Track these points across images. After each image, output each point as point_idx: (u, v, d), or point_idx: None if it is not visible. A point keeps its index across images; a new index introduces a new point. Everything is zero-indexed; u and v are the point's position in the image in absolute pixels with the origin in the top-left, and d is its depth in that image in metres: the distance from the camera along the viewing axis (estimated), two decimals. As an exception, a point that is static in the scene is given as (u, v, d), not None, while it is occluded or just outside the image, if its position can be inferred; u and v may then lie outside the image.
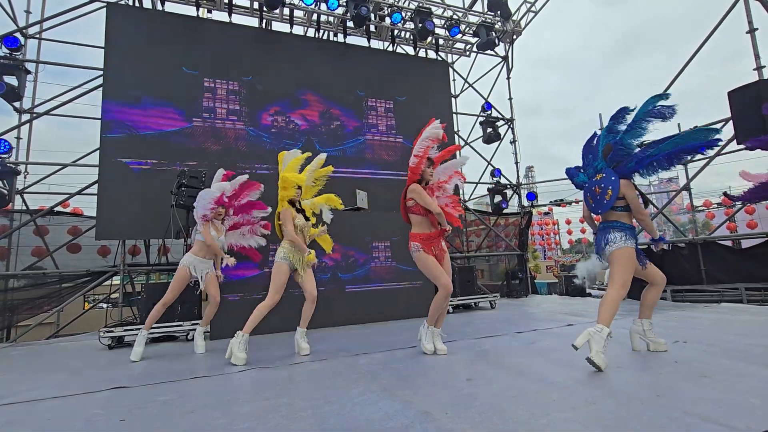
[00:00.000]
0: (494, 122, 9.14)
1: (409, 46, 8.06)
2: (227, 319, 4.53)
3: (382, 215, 5.75)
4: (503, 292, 8.26)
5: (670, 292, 7.03)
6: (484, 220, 9.25)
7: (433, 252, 3.26)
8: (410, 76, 6.88)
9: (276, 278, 3.53)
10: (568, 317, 4.86)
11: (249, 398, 2.40)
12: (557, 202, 12.83)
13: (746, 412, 1.74)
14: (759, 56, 5.63)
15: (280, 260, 3.57)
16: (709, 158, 6.64)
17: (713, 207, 15.80)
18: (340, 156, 6.04)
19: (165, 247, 6.17)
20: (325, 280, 5.32)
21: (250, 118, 5.78)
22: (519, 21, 9.17)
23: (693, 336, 3.38)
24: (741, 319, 4.11)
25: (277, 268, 3.56)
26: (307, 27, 7.34)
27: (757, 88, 5.34)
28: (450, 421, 1.84)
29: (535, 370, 2.62)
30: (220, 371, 3.10)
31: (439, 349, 3.29)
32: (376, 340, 4.09)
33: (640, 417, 1.77)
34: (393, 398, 2.22)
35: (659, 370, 2.45)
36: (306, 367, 3.11)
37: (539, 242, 27.84)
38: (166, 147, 5.34)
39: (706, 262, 6.84)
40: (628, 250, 2.84)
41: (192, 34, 5.66)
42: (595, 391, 2.14)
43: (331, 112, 6.15)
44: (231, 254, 4.12)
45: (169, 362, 3.63)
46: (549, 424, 1.74)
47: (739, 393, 1.97)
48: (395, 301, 5.59)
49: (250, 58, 5.86)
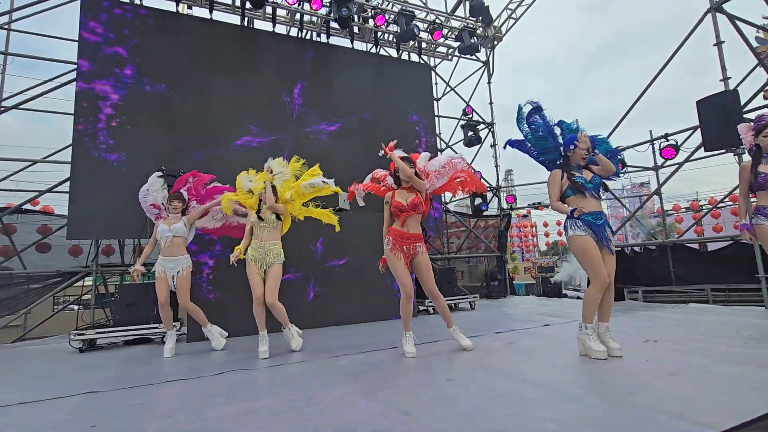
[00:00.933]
0: (475, 126, 9.27)
1: (392, 48, 8.10)
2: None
3: (363, 216, 5.74)
4: (482, 293, 8.37)
5: (642, 292, 7.29)
6: (464, 222, 9.36)
7: (405, 252, 3.31)
8: (393, 78, 6.90)
9: (249, 278, 3.67)
10: (545, 317, 4.97)
11: (226, 401, 2.35)
12: (535, 205, 13.09)
13: (714, 408, 1.81)
14: (725, 68, 5.90)
15: (246, 259, 3.71)
16: (678, 164, 6.91)
17: (682, 211, 16.46)
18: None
19: (141, 247, 6.00)
20: (305, 281, 5.28)
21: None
22: (500, 27, 9.34)
23: (663, 335, 3.50)
24: (707, 319, 4.29)
25: (247, 268, 3.70)
26: (290, 26, 7.28)
27: (723, 97, 5.64)
28: (431, 422, 1.85)
29: (514, 370, 2.66)
30: (196, 374, 3.04)
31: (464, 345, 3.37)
32: (357, 341, 4.09)
33: (615, 415, 1.83)
34: (375, 399, 2.22)
35: (631, 369, 2.53)
36: (285, 369, 3.08)
37: (517, 244, 28.33)
38: (144, 143, 5.20)
39: (675, 264, 7.13)
40: (573, 240, 2.88)
41: (170, 30, 5.53)
42: (573, 390, 2.19)
43: (314, 112, 6.11)
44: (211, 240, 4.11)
45: (142, 365, 3.53)
46: (528, 423, 1.78)
47: (707, 390, 2.06)
48: (376, 302, 5.59)
49: (229, 55, 5.76)
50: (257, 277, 3.67)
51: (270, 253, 3.74)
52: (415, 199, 3.35)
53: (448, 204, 9.93)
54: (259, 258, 3.71)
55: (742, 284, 6.13)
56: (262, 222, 3.76)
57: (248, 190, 4.00)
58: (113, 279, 7.28)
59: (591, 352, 2.81)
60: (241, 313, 4.74)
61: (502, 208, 9.60)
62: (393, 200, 3.36)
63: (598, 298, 2.84)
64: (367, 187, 3.84)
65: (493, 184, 9.46)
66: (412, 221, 3.36)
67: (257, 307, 3.64)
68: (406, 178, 3.37)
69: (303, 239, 5.20)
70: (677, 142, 6.73)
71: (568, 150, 3.03)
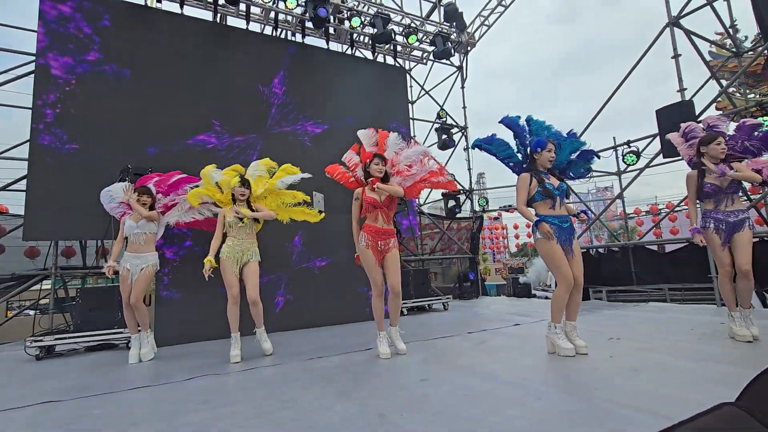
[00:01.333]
0: (449, 129, 9.42)
1: (367, 50, 8.12)
2: (173, 324, 4.30)
3: (338, 217, 5.73)
4: (455, 294, 8.50)
5: (606, 292, 7.61)
6: (438, 224, 9.48)
7: (378, 247, 3.32)
8: (368, 80, 6.92)
9: (224, 276, 3.58)
10: (515, 317, 5.10)
11: (197, 407, 2.29)
12: (506, 208, 13.42)
13: (674, 402, 1.93)
14: (681, 79, 6.26)
15: (221, 256, 3.63)
16: (639, 170, 7.27)
17: (642, 214, 17.29)
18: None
19: (104, 248, 5.74)
20: (280, 283, 5.21)
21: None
22: (473, 33, 9.54)
23: (625, 333, 3.67)
24: (665, 317, 4.53)
25: (221, 264, 3.61)
26: (264, 25, 7.17)
27: (680, 107, 6.00)
28: (406, 423, 1.88)
29: (486, 369, 2.73)
30: (164, 380, 2.94)
31: (399, 348, 3.35)
32: (332, 343, 4.07)
33: (581, 411, 1.91)
34: (349, 401, 2.22)
35: (596, 366, 2.65)
36: (259, 373, 3.03)
37: (489, 246, 28.94)
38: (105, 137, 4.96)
39: (636, 265, 7.49)
40: (540, 243, 3.00)
41: (139, 23, 5.31)
42: (541, 387, 2.27)
43: (291, 113, 6.03)
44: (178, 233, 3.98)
45: (106, 372, 3.37)
46: (500, 421, 1.83)
47: (666, 385, 2.18)
48: (351, 303, 5.58)
49: (201, 52, 5.60)
50: (233, 275, 3.58)
51: (247, 252, 3.69)
52: (388, 197, 3.37)
53: (422, 206, 10.04)
54: (236, 257, 3.63)
55: (696, 283, 6.51)
56: (241, 222, 3.69)
57: (216, 184, 3.94)
58: (74, 282, 6.92)
59: (559, 350, 2.92)
60: (209, 315, 4.64)
61: (474, 210, 9.79)
62: (365, 196, 3.35)
63: (565, 299, 2.95)
64: (338, 175, 3.70)
65: (466, 187, 9.63)
66: (385, 216, 3.38)
67: (233, 307, 3.54)
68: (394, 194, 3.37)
69: (277, 238, 5.13)
70: (638, 149, 7.08)
71: (535, 152, 3.10)
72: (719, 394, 1.80)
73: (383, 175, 3.43)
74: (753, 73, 9.56)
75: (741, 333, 3.06)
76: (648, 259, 7.49)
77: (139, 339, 3.79)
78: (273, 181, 4.07)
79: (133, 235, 3.75)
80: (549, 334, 3.03)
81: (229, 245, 3.66)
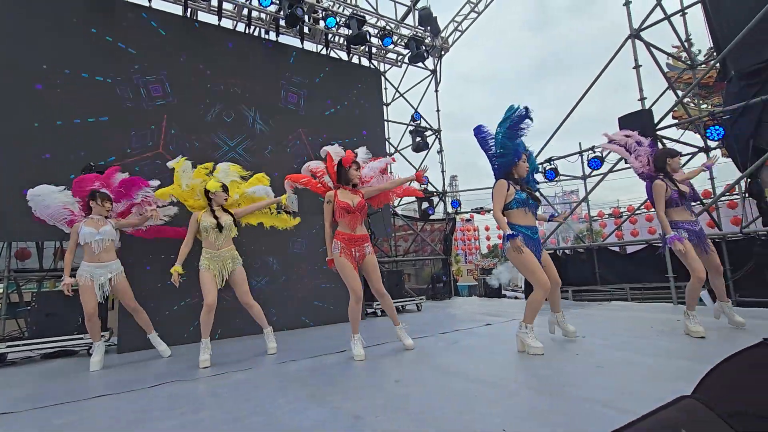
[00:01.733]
0: (423, 132, 9.52)
1: (342, 51, 8.09)
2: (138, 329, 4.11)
3: (311, 218, 5.68)
4: (429, 295, 8.59)
5: (572, 292, 7.90)
6: (411, 226, 9.56)
7: (353, 254, 3.32)
8: (343, 81, 6.90)
9: (202, 285, 3.51)
10: (486, 317, 5.21)
11: (164, 415, 2.21)
12: (478, 210, 13.69)
13: (636, 396, 2.02)
14: (642, 89, 6.59)
15: (200, 267, 3.55)
16: (603, 174, 7.59)
17: (605, 217, 18.06)
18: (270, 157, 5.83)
19: (62, 249, 5.44)
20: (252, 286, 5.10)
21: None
22: (447, 38, 9.70)
23: (590, 331, 3.82)
24: (627, 316, 4.74)
25: (200, 275, 3.54)
26: (237, 21, 7.02)
27: (640, 115, 6.32)
28: (380, 424, 1.88)
29: (459, 369, 2.77)
30: (128, 387, 2.82)
31: (407, 345, 3.47)
32: (305, 345, 4.02)
33: (551, 406, 1.97)
34: (323, 405, 2.21)
35: (564, 363, 2.74)
36: (229, 378, 2.95)
37: (461, 247, 29.42)
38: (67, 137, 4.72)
39: (599, 266, 7.82)
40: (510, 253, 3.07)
41: (101, 16, 5.07)
42: (512, 385, 2.33)
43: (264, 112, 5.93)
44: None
45: (66, 381, 3.20)
46: (473, 419, 1.87)
47: (629, 380, 2.29)
48: (325, 305, 5.54)
49: (170, 48, 5.41)
50: (212, 283, 3.49)
51: (227, 260, 3.63)
52: (361, 201, 3.38)
53: (395, 207, 10.09)
54: (218, 268, 3.57)
55: (654, 283, 6.87)
56: (221, 231, 3.60)
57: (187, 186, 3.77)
58: (29, 286, 6.53)
59: (529, 349, 3.01)
60: (176, 320, 4.49)
61: (447, 212, 9.93)
62: (337, 200, 3.32)
63: (542, 302, 3.08)
64: (304, 182, 3.73)
65: (439, 189, 9.76)
66: (358, 222, 3.38)
67: (207, 314, 3.45)
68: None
69: (250, 242, 5.03)
70: (603, 154, 7.39)
71: (517, 158, 3.20)
72: (678, 388, 1.90)
73: (358, 182, 3.50)
74: (705, 84, 10.20)
75: (696, 329, 3.25)
76: (611, 260, 7.84)
77: (102, 346, 3.61)
78: (247, 187, 4.02)
79: (94, 242, 3.53)
80: (519, 333, 3.12)
81: (207, 258, 3.56)
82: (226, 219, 3.66)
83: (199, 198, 3.77)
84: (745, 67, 5.67)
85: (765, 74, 5.45)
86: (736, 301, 5.71)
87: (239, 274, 3.67)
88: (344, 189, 3.43)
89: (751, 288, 5.58)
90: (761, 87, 5.43)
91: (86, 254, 3.56)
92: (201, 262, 3.55)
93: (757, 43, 5.42)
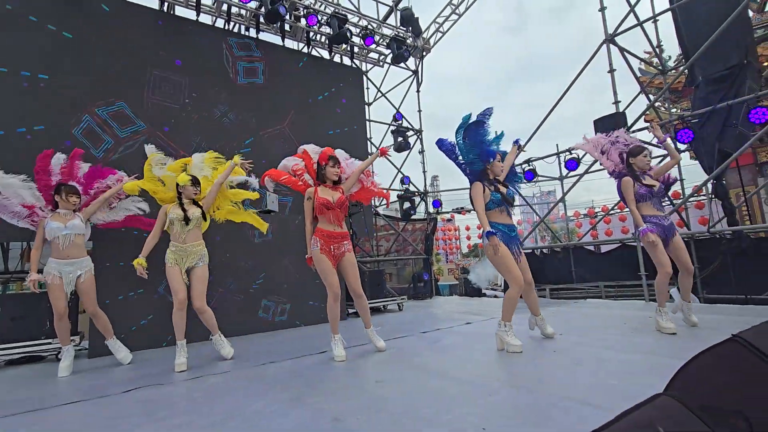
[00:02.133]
0: (404, 132, 9.54)
1: (324, 50, 8.03)
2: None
3: (291, 217, 5.61)
4: (410, 295, 8.62)
5: (549, 290, 8.07)
6: (393, 225, 9.57)
7: (332, 251, 3.29)
8: (325, 80, 6.84)
9: (170, 282, 3.41)
10: (466, 316, 5.26)
11: (138, 422, 2.14)
12: (458, 210, 13.82)
13: (611, 392, 2.07)
14: (616, 92, 6.79)
15: (166, 262, 3.45)
16: (579, 175, 7.78)
17: (581, 217, 18.54)
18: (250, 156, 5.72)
19: (30, 249, 5.18)
20: (229, 286, 5.00)
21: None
22: (428, 39, 9.74)
23: (566, 328, 3.90)
24: (601, 313, 4.87)
25: (166, 271, 3.44)
26: (216, 17, 6.86)
27: (614, 118, 6.51)
28: (361, 425, 1.87)
29: (439, 368, 2.79)
30: (100, 393, 2.72)
31: (379, 347, 3.42)
32: (284, 347, 3.97)
33: (528, 404, 2.00)
34: (303, 407, 2.18)
35: (541, 361, 2.79)
36: (205, 381, 2.88)
37: (442, 247, 29.67)
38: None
39: (575, 264, 8.02)
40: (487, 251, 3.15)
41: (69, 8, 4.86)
42: (492, 384, 2.35)
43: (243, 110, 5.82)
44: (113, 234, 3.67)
45: (33, 387, 3.06)
46: (453, 419, 1.87)
47: (604, 377, 2.34)
48: (304, 306, 5.48)
49: (148, 43, 5.24)
50: (180, 282, 3.40)
51: (192, 255, 3.50)
52: (341, 198, 3.36)
53: (377, 207, 10.09)
54: (181, 262, 3.45)
55: (627, 281, 7.09)
56: (188, 224, 3.49)
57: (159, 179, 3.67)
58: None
59: (508, 347, 3.05)
60: (150, 322, 4.36)
61: (429, 212, 9.99)
62: (317, 197, 3.29)
63: (517, 299, 3.13)
64: (284, 180, 3.64)
65: (420, 189, 9.80)
66: (337, 219, 3.35)
67: (179, 313, 3.36)
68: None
69: (225, 240, 4.93)
70: (579, 156, 7.57)
71: (487, 162, 3.26)
72: (652, 383, 1.96)
73: (338, 178, 3.43)
74: (675, 89, 10.59)
75: (667, 326, 3.36)
76: (586, 259, 8.05)
77: (71, 351, 3.47)
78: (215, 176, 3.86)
79: (60, 237, 3.36)
80: (499, 331, 3.16)
81: (172, 251, 3.47)
82: (194, 212, 3.55)
83: (170, 191, 3.66)
84: (712, 74, 5.92)
85: (730, 80, 5.70)
86: (703, 297, 5.95)
87: (200, 272, 3.50)
88: (324, 186, 3.41)
89: (717, 285, 5.82)
90: (726, 92, 5.67)
91: (53, 251, 3.39)
92: (167, 256, 3.45)
93: (722, 51, 5.66)
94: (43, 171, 3.55)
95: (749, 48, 5.84)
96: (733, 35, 5.55)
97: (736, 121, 5.46)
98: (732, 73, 5.69)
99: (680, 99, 11.48)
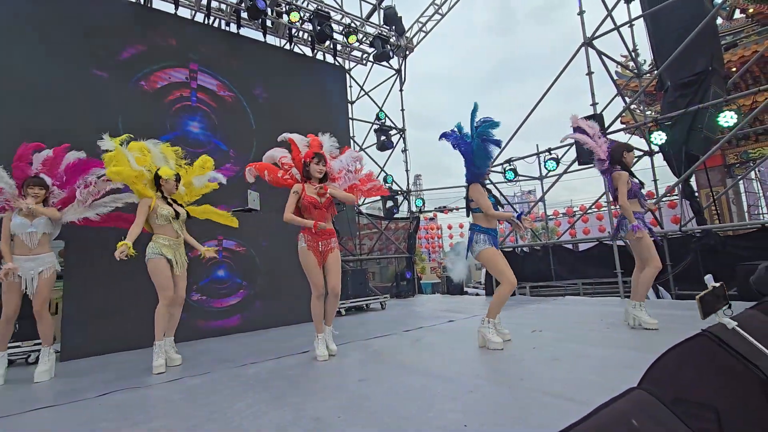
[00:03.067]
0: (388, 131, 9.54)
1: (306, 47, 7.95)
2: (85, 334, 3.85)
3: (274, 216, 5.54)
4: (393, 293, 8.64)
5: (529, 287, 8.22)
6: (376, 224, 9.56)
7: (318, 248, 3.25)
8: (308, 78, 6.78)
9: (156, 277, 3.24)
10: (449, 314, 5.31)
11: (114, 426, 2.08)
12: (441, 209, 13.91)
13: (589, 387, 2.12)
14: (594, 95, 6.95)
15: (152, 257, 3.26)
16: (558, 175, 7.94)
17: (560, 216, 18.94)
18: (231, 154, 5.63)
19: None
20: (209, 285, 4.91)
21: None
22: (412, 38, 9.76)
23: (546, 325, 3.99)
24: (579, 310, 4.99)
25: (153, 266, 3.25)
26: (195, 11, 6.71)
27: (592, 120, 6.64)
28: (343, 425, 1.86)
29: (422, 366, 2.80)
30: (72, 398, 2.62)
31: (331, 349, 3.32)
32: (266, 347, 3.92)
33: (509, 400, 2.03)
34: (284, 407, 2.16)
35: (521, 357, 2.84)
36: (184, 384, 2.82)
37: (425, 245, 29.82)
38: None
39: (554, 262, 8.18)
40: (488, 252, 3.21)
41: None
42: (473, 380, 2.38)
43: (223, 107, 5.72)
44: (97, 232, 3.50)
45: (2, 392, 2.94)
46: (435, 416, 1.89)
47: (582, 372, 2.40)
48: (287, 305, 5.43)
49: (125, 36, 5.09)
50: (168, 276, 3.28)
51: (182, 249, 3.44)
52: (329, 198, 3.32)
53: (360, 206, 10.06)
54: (173, 256, 3.35)
55: (604, 278, 7.27)
56: (178, 218, 3.40)
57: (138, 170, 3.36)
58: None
59: (489, 344, 3.09)
60: (125, 323, 4.24)
61: (411, 211, 10.02)
62: (305, 195, 3.24)
63: (508, 297, 3.20)
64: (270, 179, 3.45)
65: (403, 188, 9.82)
66: (325, 218, 3.31)
67: (166, 309, 3.24)
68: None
69: (207, 238, 4.84)
70: (558, 156, 7.72)
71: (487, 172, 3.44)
72: (628, 376, 2.01)
73: (323, 175, 3.36)
74: (650, 92, 10.91)
75: (650, 321, 3.40)
76: (564, 257, 8.23)
77: (51, 353, 3.29)
78: (190, 178, 3.76)
79: (25, 234, 3.17)
80: (482, 328, 3.20)
81: (165, 245, 3.31)
82: (179, 208, 3.48)
83: (146, 184, 3.42)
84: (679, 79, 6.13)
85: (696, 86, 5.92)
86: (675, 293, 6.16)
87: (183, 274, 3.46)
88: (312, 184, 3.33)
89: (689, 281, 6.03)
90: (692, 98, 5.89)
91: (16, 246, 3.18)
92: (153, 249, 3.27)
93: (690, 57, 5.88)
94: (21, 159, 3.34)
95: (715, 55, 6.08)
96: (700, 43, 5.76)
97: (701, 125, 5.68)
98: (698, 79, 5.91)
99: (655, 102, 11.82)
